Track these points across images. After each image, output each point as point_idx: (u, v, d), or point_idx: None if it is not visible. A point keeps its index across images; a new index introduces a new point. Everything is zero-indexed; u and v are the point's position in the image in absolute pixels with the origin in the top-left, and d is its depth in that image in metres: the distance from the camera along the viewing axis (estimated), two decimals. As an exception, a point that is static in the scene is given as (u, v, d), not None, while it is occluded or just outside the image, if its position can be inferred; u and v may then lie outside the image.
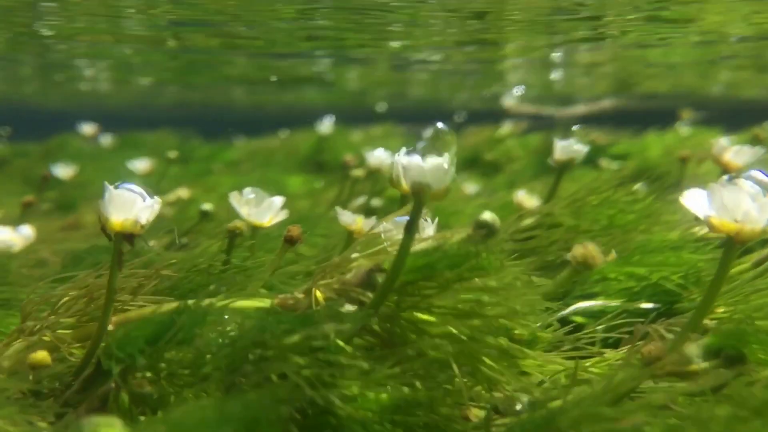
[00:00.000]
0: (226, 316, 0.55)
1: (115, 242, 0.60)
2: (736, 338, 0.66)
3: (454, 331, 0.58)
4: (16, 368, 0.60)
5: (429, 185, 0.55)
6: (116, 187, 0.62)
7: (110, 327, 0.63)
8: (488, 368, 0.57)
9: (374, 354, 0.56)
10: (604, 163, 2.17)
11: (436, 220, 0.69)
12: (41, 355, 0.57)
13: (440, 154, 0.56)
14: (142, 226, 0.60)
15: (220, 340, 0.51)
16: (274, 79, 3.02)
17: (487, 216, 0.68)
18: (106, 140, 2.88)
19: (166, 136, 2.92)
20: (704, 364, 0.64)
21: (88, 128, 2.76)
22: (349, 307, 0.61)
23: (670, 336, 0.73)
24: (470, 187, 1.90)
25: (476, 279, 0.59)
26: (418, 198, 0.56)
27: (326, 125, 2.41)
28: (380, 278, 0.63)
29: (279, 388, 0.47)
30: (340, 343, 0.53)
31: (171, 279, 0.71)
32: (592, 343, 0.81)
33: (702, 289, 0.95)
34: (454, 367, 0.55)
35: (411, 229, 0.56)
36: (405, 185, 0.56)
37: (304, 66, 2.73)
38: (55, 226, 1.43)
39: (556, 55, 2.62)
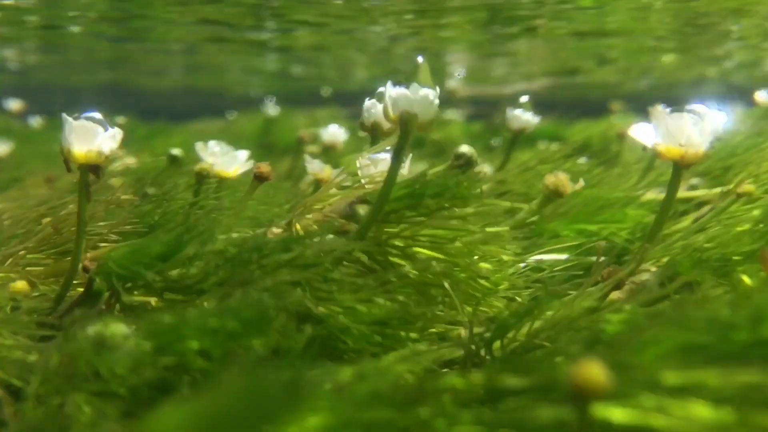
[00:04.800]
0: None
1: (80, 174, 0.60)
2: (687, 266, 0.72)
3: (435, 258, 0.61)
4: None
5: (416, 115, 0.57)
6: (76, 118, 0.61)
7: (86, 262, 0.62)
8: (470, 289, 0.60)
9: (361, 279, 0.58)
10: (542, 145, 2.26)
11: (410, 156, 0.71)
12: (21, 285, 0.56)
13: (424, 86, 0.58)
14: (107, 157, 0.60)
15: (217, 259, 0.52)
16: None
17: (465, 148, 0.72)
18: (36, 121, 2.76)
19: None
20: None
21: (14, 104, 2.63)
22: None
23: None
24: (418, 167, 1.93)
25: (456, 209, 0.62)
26: (405, 127, 0.58)
27: (272, 108, 2.40)
28: (362, 210, 0.65)
29: (276, 298, 0.48)
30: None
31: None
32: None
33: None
34: (447, 285, 0.57)
35: (398, 155, 0.58)
36: (393, 115, 0.58)
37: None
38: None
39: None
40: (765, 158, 1.07)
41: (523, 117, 1.22)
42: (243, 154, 0.93)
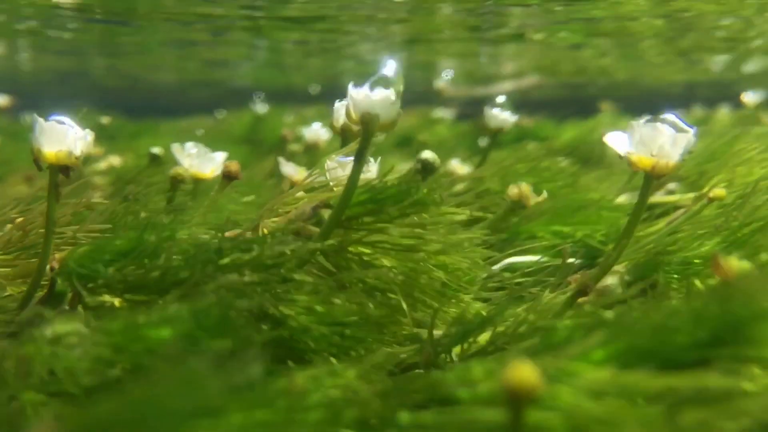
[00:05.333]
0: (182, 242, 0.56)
1: (50, 174, 0.61)
2: (650, 269, 0.73)
3: (397, 265, 0.62)
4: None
5: (377, 116, 0.58)
6: (47, 119, 0.62)
7: (54, 263, 0.63)
8: (428, 297, 0.61)
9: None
10: (531, 145, 2.27)
11: (379, 159, 0.72)
12: (-15, 284, 0.57)
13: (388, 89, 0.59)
14: (77, 158, 0.61)
15: (179, 258, 0.53)
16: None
17: (428, 154, 0.72)
18: (26, 118, 2.76)
19: (87, 113, 2.82)
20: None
21: (1, 100, 2.63)
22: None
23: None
24: (405, 165, 1.95)
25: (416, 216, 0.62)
26: (367, 128, 0.58)
27: (261, 105, 2.41)
28: (326, 214, 0.65)
29: (235, 298, 0.49)
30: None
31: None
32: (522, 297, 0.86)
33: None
34: (398, 293, 0.58)
35: (360, 158, 0.59)
36: (355, 116, 0.59)
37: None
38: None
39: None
40: (738, 163, 1.08)
41: (501, 116, 1.23)
42: (220, 155, 0.93)
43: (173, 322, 0.44)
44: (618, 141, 0.67)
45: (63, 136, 0.61)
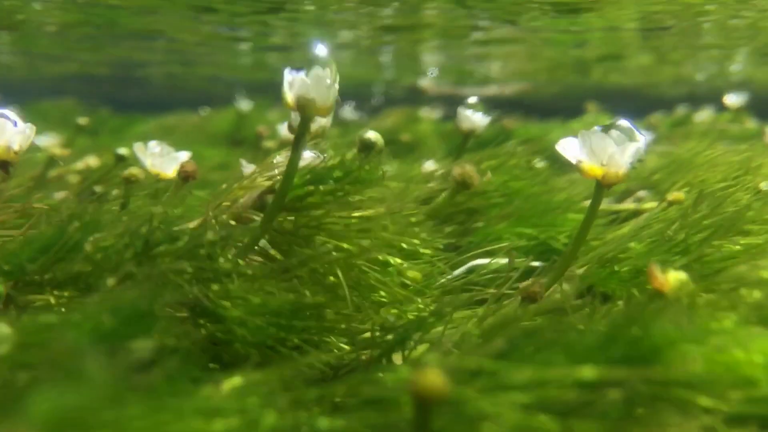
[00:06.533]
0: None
1: None
2: (602, 278, 0.73)
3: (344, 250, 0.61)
4: None
5: (313, 99, 0.58)
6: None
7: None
8: (373, 281, 0.61)
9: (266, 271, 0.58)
10: (513, 146, 2.27)
11: (330, 151, 0.71)
12: None
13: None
14: (16, 153, 0.60)
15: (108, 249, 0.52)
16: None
17: (370, 134, 0.72)
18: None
19: (71, 106, 2.82)
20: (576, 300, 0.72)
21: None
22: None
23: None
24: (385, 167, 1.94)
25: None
26: (303, 112, 0.58)
27: (245, 102, 2.41)
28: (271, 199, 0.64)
29: (165, 289, 0.49)
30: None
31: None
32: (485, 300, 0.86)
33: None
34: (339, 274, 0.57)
35: (298, 144, 0.58)
36: (290, 101, 0.58)
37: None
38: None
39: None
40: (705, 171, 1.09)
41: (473, 118, 1.23)
42: (183, 155, 0.92)
43: (93, 319, 0.43)
44: (570, 149, 0.67)
45: (2, 131, 0.60)
